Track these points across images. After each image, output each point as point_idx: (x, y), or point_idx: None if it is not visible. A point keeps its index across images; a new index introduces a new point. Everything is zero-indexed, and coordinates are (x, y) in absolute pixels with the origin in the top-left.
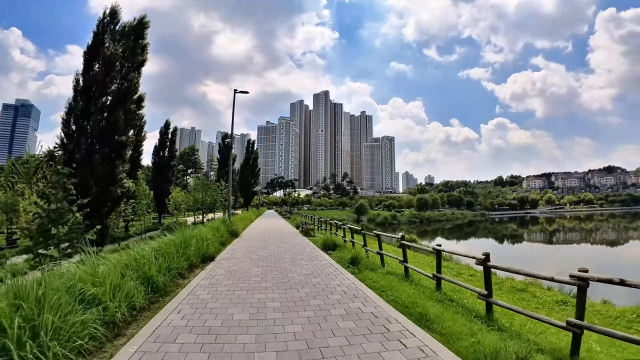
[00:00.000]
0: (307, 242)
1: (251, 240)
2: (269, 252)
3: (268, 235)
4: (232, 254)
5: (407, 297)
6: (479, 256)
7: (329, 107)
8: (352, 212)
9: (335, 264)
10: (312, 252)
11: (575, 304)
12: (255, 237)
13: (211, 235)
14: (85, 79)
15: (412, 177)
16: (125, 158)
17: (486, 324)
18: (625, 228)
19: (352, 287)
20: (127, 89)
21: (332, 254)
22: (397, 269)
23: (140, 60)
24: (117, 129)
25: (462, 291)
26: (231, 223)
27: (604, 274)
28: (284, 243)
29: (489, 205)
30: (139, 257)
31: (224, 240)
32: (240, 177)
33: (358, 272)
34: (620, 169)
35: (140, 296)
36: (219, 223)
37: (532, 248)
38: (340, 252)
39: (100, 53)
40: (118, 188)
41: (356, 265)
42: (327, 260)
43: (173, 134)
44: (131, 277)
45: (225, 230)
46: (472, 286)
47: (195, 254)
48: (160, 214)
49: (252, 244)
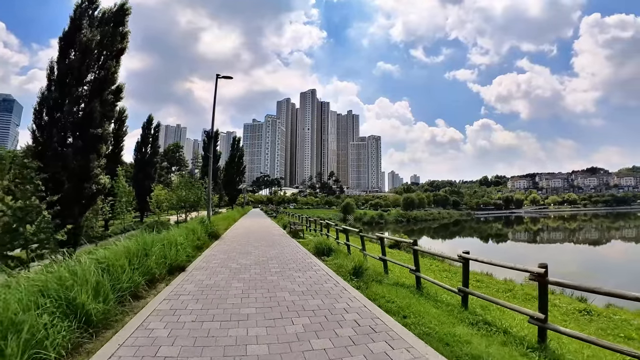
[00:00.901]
0: (297, 246)
1: (233, 243)
2: (253, 258)
3: (253, 237)
4: (208, 261)
5: (438, 323)
6: (534, 269)
7: (316, 105)
8: (339, 211)
9: (335, 275)
10: (304, 258)
11: None
12: (238, 239)
13: (184, 239)
14: (60, 67)
15: (397, 177)
16: (101, 152)
17: None
18: (607, 228)
19: (364, 313)
20: (103, 77)
21: (328, 261)
22: (402, 276)
23: (120, 48)
24: (92, 121)
25: (499, 310)
26: (211, 223)
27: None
28: (270, 246)
29: (474, 205)
30: (67, 276)
31: (201, 243)
32: (225, 175)
33: (365, 287)
34: (602, 170)
35: (58, 339)
36: (195, 224)
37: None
38: (336, 258)
39: (77, 39)
40: (93, 184)
41: (360, 277)
42: (324, 270)
43: (156, 130)
44: (50, 308)
45: (203, 231)
46: (519, 306)
47: (158, 265)
48: (142, 213)
49: (233, 248)
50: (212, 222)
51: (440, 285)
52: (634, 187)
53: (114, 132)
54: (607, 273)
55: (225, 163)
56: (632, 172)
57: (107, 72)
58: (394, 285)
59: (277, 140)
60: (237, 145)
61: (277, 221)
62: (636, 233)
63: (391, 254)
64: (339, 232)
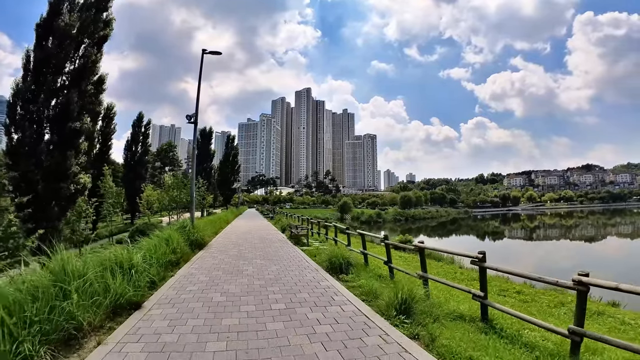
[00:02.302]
0: (303, 258)
1: (221, 254)
2: (246, 282)
3: (247, 245)
4: (180, 288)
5: None
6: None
7: (311, 104)
8: (336, 210)
9: (372, 314)
10: (318, 279)
11: None
12: (229, 249)
13: (150, 255)
14: (37, 55)
15: (393, 175)
16: (80, 148)
17: None
18: (603, 224)
19: None
20: (82, 66)
21: (350, 282)
22: (451, 298)
23: (102, 36)
24: (69, 114)
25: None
26: (195, 229)
27: None
28: (269, 260)
29: (471, 203)
30: None
31: (177, 258)
32: (219, 175)
33: (429, 338)
34: (598, 167)
35: None
36: (173, 230)
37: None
38: (358, 276)
39: (55, 25)
40: (71, 184)
41: (411, 316)
42: (353, 304)
43: (147, 128)
44: None
45: (183, 239)
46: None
47: (89, 307)
48: (132, 214)
49: (220, 263)
50: (197, 227)
51: (546, 327)
52: (630, 184)
53: (102, 130)
54: (604, 268)
55: (220, 162)
56: (627, 169)
57: (87, 60)
58: (454, 318)
59: (273, 140)
60: (232, 143)
61: (274, 223)
62: (632, 229)
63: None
64: (347, 234)
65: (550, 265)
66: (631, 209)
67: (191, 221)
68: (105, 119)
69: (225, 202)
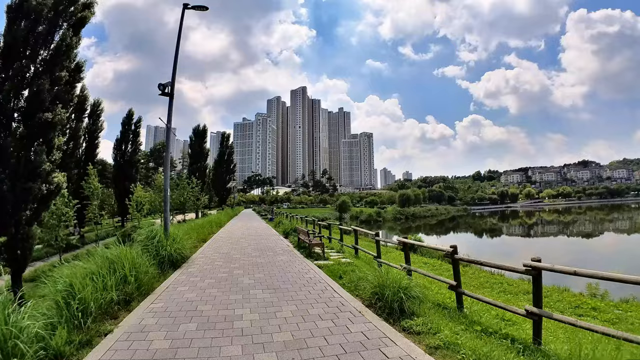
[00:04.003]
0: (328, 285)
1: (204, 278)
2: (239, 355)
3: (241, 261)
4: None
5: None
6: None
7: (307, 103)
8: (334, 209)
9: None
10: (374, 342)
11: None
12: (216, 268)
13: (65, 301)
14: (6, 40)
15: (390, 174)
16: (53, 144)
17: None
18: (601, 220)
19: None
20: (56, 50)
21: (432, 342)
22: None
23: (80, 17)
24: (40, 104)
25: None
26: (170, 239)
27: None
28: (275, 291)
29: (469, 200)
30: None
31: (130, 292)
32: (214, 174)
33: None
34: (594, 163)
35: None
36: (128, 248)
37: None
38: (428, 320)
39: (25, 5)
40: (43, 184)
41: None
42: None
43: (137, 125)
44: None
45: (148, 259)
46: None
47: None
48: (123, 217)
49: (195, 305)
50: (174, 236)
51: None
52: (627, 179)
53: (88, 128)
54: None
55: (214, 161)
56: (624, 165)
57: (61, 43)
58: None
59: (268, 139)
60: (227, 142)
61: (274, 225)
62: (629, 224)
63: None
64: (377, 242)
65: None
66: (629, 204)
67: (164, 229)
68: (92, 116)
69: (220, 203)
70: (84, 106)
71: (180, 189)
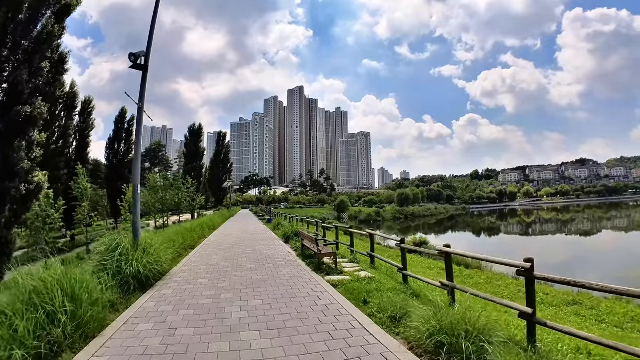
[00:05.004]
0: (354, 319)
1: (178, 307)
2: None
3: (233, 278)
4: None
5: None
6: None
7: (304, 102)
8: (333, 209)
9: None
10: None
11: None
12: (199, 290)
13: None
14: None
15: (387, 173)
16: (33, 140)
17: None
18: (599, 218)
19: None
20: (36, 38)
21: None
22: None
23: (65, 5)
24: (18, 97)
25: None
26: (140, 251)
27: None
28: (276, 333)
29: (468, 199)
30: None
31: (63, 340)
32: (210, 174)
33: None
34: (592, 161)
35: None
36: (87, 263)
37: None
38: None
39: None
40: (22, 183)
41: None
42: None
43: (130, 124)
44: None
45: (105, 280)
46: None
47: None
48: (116, 219)
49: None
50: (149, 246)
51: None
52: (624, 177)
53: (78, 126)
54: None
55: (211, 161)
56: (621, 163)
57: (42, 31)
58: None
59: (266, 139)
60: (223, 141)
61: (272, 227)
62: (628, 222)
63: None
64: (402, 249)
65: (548, 259)
66: (627, 202)
67: (134, 236)
68: (83, 114)
69: (217, 203)
70: (74, 103)
71: (175, 189)
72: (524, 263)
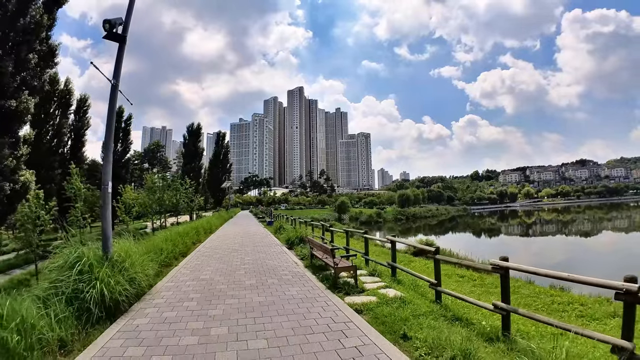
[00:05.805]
0: None
1: (149, 358)
2: None
3: (226, 301)
4: None
5: None
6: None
7: (304, 103)
8: (333, 210)
9: None
10: None
11: None
12: (178, 324)
13: None
14: None
15: (387, 174)
16: (18, 136)
17: None
18: (600, 219)
19: None
20: (21, 29)
21: None
22: None
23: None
24: (1, 89)
25: None
26: (109, 267)
27: None
28: None
29: (468, 200)
30: None
31: None
32: (209, 175)
33: None
34: (592, 162)
35: None
36: (35, 286)
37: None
38: None
39: None
40: (7, 183)
41: None
42: None
43: (127, 123)
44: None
45: (58, 308)
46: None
47: None
48: (113, 220)
49: None
50: (121, 259)
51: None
52: (625, 178)
53: (73, 125)
54: None
55: (210, 161)
56: (621, 163)
57: (30, 21)
58: None
59: (265, 140)
60: (223, 141)
61: (273, 231)
62: (628, 223)
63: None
64: (435, 260)
65: (548, 260)
66: (628, 203)
67: (104, 246)
68: (79, 112)
69: (216, 204)
70: (69, 101)
71: (172, 189)
72: (629, 284)
